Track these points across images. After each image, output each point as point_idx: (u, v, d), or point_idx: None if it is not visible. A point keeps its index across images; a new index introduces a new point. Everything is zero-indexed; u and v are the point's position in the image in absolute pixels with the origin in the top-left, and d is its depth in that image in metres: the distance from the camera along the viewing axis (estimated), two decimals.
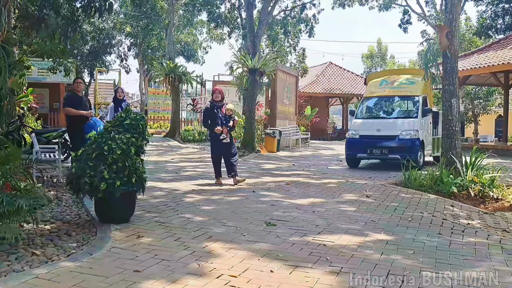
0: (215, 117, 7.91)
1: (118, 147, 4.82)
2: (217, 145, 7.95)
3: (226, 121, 7.97)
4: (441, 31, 8.75)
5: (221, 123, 7.89)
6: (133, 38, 33.23)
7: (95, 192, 4.76)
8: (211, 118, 7.97)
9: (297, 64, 29.88)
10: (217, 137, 7.91)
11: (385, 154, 11.27)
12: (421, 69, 11.11)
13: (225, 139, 7.83)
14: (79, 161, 4.94)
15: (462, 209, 6.44)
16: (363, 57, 50.45)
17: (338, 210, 5.95)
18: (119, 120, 5.18)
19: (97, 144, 4.91)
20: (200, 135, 20.50)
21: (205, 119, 8.21)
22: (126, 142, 4.91)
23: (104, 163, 4.75)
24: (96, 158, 4.80)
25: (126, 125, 5.09)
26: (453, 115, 8.47)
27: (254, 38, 17.10)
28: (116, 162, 4.77)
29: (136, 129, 5.11)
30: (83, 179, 4.74)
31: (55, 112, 22.79)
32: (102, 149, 4.82)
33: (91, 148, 4.92)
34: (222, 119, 7.94)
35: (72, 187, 4.99)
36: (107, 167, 4.72)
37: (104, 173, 4.68)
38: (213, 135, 8.00)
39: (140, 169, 5.00)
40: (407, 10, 26.99)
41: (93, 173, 4.71)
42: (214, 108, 7.98)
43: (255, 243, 4.28)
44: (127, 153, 4.87)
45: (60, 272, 3.36)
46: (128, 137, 4.96)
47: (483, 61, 18.01)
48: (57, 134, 10.25)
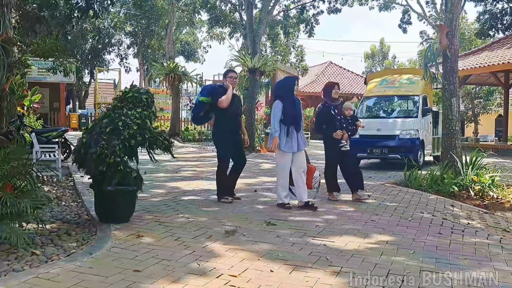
0: (332, 120, 6.47)
1: (134, 123, 4.80)
2: (333, 154, 6.51)
3: (346, 124, 6.59)
4: (441, 30, 8.74)
5: (341, 127, 6.48)
6: (133, 38, 33.23)
7: (99, 163, 4.65)
8: (326, 122, 6.53)
9: (297, 63, 29.89)
10: (334, 145, 6.47)
11: (385, 153, 11.26)
12: (421, 69, 11.11)
13: (344, 146, 6.44)
14: (91, 133, 4.88)
15: (462, 208, 6.44)
16: (365, 56, 50.47)
17: (338, 210, 5.94)
18: (123, 95, 5.15)
19: (110, 119, 4.85)
20: (200, 134, 20.50)
21: (319, 124, 6.71)
22: (140, 116, 4.87)
23: (118, 138, 4.73)
24: (110, 132, 4.76)
25: (129, 99, 5.02)
26: (453, 114, 8.47)
27: (254, 37, 17.10)
28: (134, 136, 4.77)
29: (140, 102, 5.02)
30: (93, 149, 4.68)
31: (55, 112, 22.79)
32: (116, 124, 4.78)
33: (103, 123, 4.85)
34: (342, 122, 6.55)
35: (78, 157, 4.91)
36: (120, 143, 4.72)
37: (117, 148, 4.67)
38: (329, 142, 6.57)
39: (163, 137, 4.99)
40: (407, 10, 26.98)
41: (106, 145, 4.67)
42: (331, 109, 6.52)
43: (255, 243, 4.28)
44: (144, 126, 4.85)
45: (60, 271, 3.36)
46: (139, 112, 4.91)
47: (483, 61, 18.02)
48: (57, 134, 10.25)
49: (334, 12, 23.20)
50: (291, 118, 5.90)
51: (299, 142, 5.96)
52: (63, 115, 23.59)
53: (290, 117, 5.90)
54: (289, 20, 25.72)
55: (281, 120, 5.87)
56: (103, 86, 36.66)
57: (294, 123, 5.93)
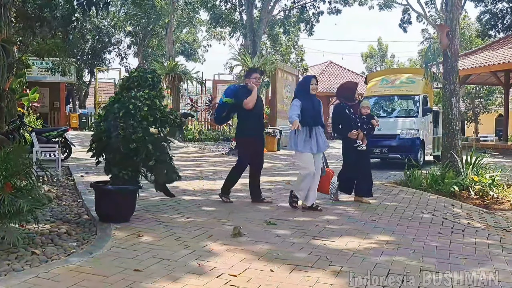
0: (348, 120, 6.36)
1: (144, 104, 4.83)
2: (350, 154, 6.42)
3: (362, 123, 6.41)
4: (442, 30, 8.74)
5: (356, 126, 6.35)
6: (133, 37, 33.23)
7: (127, 142, 4.71)
8: (341, 122, 6.45)
9: (297, 62, 29.88)
10: (350, 144, 6.37)
11: (385, 153, 11.26)
12: (422, 68, 11.10)
13: (360, 145, 6.32)
14: (106, 120, 4.91)
15: (462, 208, 6.43)
16: (363, 57, 50.45)
17: (338, 210, 5.94)
18: (129, 74, 5.19)
19: (121, 104, 4.88)
20: (200, 134, 20.49)
21: (335, 124, 6.61)
22: (148, 97, 4.89)
23: (133, 119, 4.79)
24: (124, 116, 4.80)
25: (134, 78, 5.04)
26: (453, 114, 8.47)
27: (254, 37, 17.11)
28: (146, 118, 4.81)
29: (146, 81, 5.04)
30: (115, 132, 4.74)
31: (55, 111, 22.80)
32: (128, 107, 4.81)
33: (115, 108, 4.87)
34: (357, 121, 6.39)
35: (100, 145, 4.93)
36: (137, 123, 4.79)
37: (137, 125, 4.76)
38: (346, 142, 6.48)
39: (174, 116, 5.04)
40: (407, 9, 26.96)
41: (125, 125, 4.75)
42: (345, 108, 6.43)
43: (255, 243, 4.28)
44: (154, 106, 4.89)
45: (60, 271, 3.36)
46: (147, 92, 4.93)
47: (483, 60, 18.02)
48: (57, 133, 10.26)
49: (335, 13, 23.23)
50: (308, 118, 5.71)
51: (318, 143, 5.75)
52: (63, 114, 23.61)
53: (307, 117, 5.70)
54: (288, 20, 25.71)
55: (300, 120, 5.64)
56: (103, 85, 36.64)
57: (312, 123, 5.74)
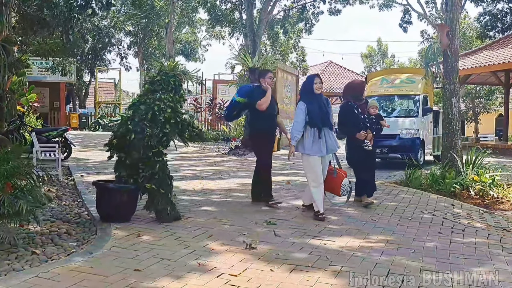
0: (356, 120, 6.14)
1: (167, 106, 4.96)
2: (358, 154, 6.19)
3: (370, 124, 6.24)
4: (442, 30, 8.73)
5: (365, 127, 6.14)
6: (133, 37, 33.22)
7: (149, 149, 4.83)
8: (349, 122, 6.19)
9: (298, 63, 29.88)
10: (356, 144, 6.15)
11: (386, 153, 11.25)
12: (422, 68, 11.10)
13: (367, 145, 6.14)
14: (133, 120, 4.95)
15: (462, 208, 6.43)
16: (362, 57, 50.44)
17: (338, 209, 5.94)
18: (150, 79, 5.32)
19: (147, 105, 4.97)
20: None
21: (342, 124, 6.36)
22: (172, 100, 5.04)
23: (156, 125, 4.91)
24: (151, 119, 4.91)
25: (157, 82, 5.15)
26: (453, 114, 8.46)
27: (254, 37, 17.09)
28: (168, 120, 4.93)
29: (168, 85, 5.14)
30: (141, 135, 4.82)
31: (55, 111, 22.79)
32: (153, 109, 4.91)
33: (142, 110, 4.95)
34: (366, 122, 6.20)
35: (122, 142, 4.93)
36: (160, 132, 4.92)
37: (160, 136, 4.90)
38: (352, 142, 6.25)
39: (192, 124, 5.21)
40: (407, 9, 26.96)
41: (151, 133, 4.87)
42: (354, 108, 6.19)
43: (255, 243, 4.27)
44: (176, 110, 5.05)
45: (60, 271, 3.36)
46: (171, 96, 5.07)
47: (483, 60, 18.01)
48: (57, 133, 10.25)
49: (335, 13, 23.22)
50: (316, 119, 5.46)
51: (327, 144, 5.51)
52: (63, 114, 23.61)
53: (315, 118, 5.46)
54: (288, 20, 25.71)
55: (307, 122, 5.46)
56: (103, 85, 36.67)
57: (321, 124, 5.48)
